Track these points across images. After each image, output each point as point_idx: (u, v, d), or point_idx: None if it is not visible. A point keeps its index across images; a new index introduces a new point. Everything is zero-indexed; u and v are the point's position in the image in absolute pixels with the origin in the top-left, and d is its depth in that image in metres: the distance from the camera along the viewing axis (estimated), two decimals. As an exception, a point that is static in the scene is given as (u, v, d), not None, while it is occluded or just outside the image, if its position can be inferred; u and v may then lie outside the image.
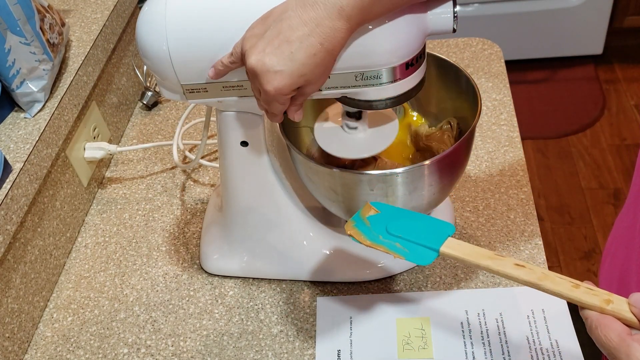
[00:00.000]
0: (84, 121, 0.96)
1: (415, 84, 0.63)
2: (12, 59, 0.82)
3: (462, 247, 0.56)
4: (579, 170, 2.06)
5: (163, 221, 0.93)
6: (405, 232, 0.59)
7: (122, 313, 0.82)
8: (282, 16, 0.53)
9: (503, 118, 1.00)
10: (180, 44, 0.61)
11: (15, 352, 0.77)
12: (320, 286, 0.81)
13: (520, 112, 1.06)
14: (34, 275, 0.82)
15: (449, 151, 0.66)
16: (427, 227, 0.59)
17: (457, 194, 0.90)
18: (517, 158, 0.93)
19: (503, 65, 1.11)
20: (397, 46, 0.58)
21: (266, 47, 0.54)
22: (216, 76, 0.61)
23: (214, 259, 0.83)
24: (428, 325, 0.75)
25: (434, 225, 0.59)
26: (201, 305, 0.81)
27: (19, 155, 0.79)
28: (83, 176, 0.95)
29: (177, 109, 1.13)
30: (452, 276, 0.80)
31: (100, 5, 1.05)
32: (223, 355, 0.76)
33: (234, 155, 0.73)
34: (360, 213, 0.63)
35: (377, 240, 0.59)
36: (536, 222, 0.84)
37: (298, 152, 0.69)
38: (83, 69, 0.93)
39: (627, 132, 2.16)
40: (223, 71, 0.60)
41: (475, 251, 0.55)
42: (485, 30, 2.31)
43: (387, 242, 0.59)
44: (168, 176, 1.01)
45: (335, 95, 0.64)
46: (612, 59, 2.45)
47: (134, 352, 0.77)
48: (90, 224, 0.95)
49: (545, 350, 0.71)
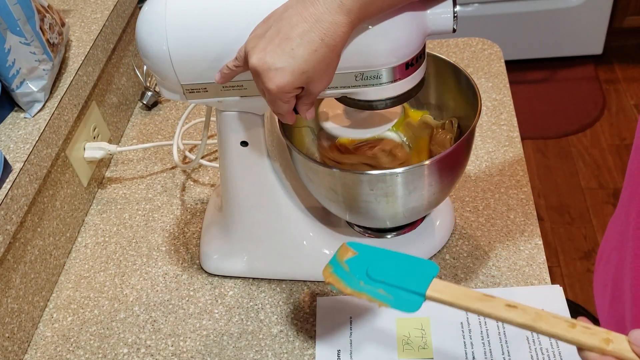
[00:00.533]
0: (84, 121, 0.96)
1: (415, 84, 0.63)
2: (12, 59, 0.82)
3: (449, 290, 0.53)
4: (578, 170, 2.06)
5: (163, 221, 0.93)
6: (388, 275, 0.56)
7: (122, 313, 0.82)
8: (283, 15, 0.54)
9: (503, 118, 1.00)
10: (180, 44, 0.61)
11: (15, 352, 0.77)
12: (320, 286, 0.81)
13: (520, 112, 1.07)
14: (34, 275, 0.82)
15: (449, 151, 0.66)
16: (409, 268, 0.56)
17: (457, 194, 0.90)
18: (517, 158, 0.93)
19: (503, 65, 1.11)
20: (397, 46, 0.58)
21: (267, 46, 0.54)
22: (223, 80, 0.61)
23: (214, 259, 0.83)
24: (428, 325, 0.75)
25: (416, 266, 0.56)
26: (201, 305, 0.81)
27: (19, 155, 0.79)
28: (83, 176, 0.95)
29: (177, 109, 1.13)
30: (452, 276, 0.80)
31: (100, 5, 1.05)
32: (223, 355, 0.76)
33: (234, 155, 0.73)
34: (338, 256, 0.60)
35: (358, 287, 0.56)
36: (536, 222, 0.85)
37: (298, 152, 0.69)
38: (83, 69, 0.93)
39: (627, 132, 2.16)
40: (229, 75, 0.60)
41: (464, 293, 0.53)
42: (485, 30, 2.31)
43: (369, 288, 0.55)
44: (168, 176, 1.01)
45: (335, 95, 0.64)
46: (612, 59, 2.45)
47: (133, 352, 0.77)
48: (90, 224, 0.95)
49: (545, 350, 0.71)
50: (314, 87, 0.56)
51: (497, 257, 0.81)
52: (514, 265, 0.80)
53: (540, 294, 0.76)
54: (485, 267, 0.80)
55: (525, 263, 0.80)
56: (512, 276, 0.79)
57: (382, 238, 0.81)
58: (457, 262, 0.81)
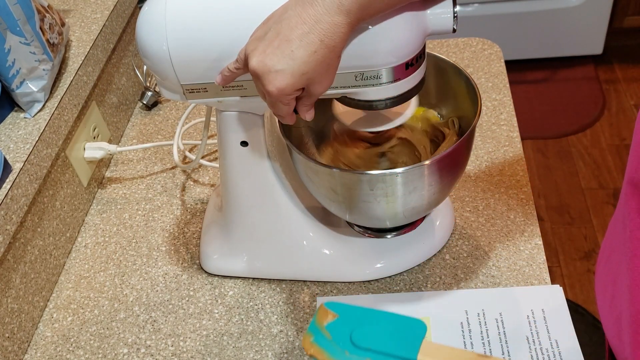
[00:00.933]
0: (84, 121, 0.96)
1: (415, 84, 0.63)
2: (12, 59, 0.82)
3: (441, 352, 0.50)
4: (578, 170, 2.06)
5: (163, 221, 0.93)
6: (374, 341, 0.52)
7: (122, 313, 0.82)
8: (282, 17, 0.53)
9: (503, 118, 1.00)
10: (180, 44, 0.61)
11: (15, 352, 0.77)
12: (320, 286, 0.81)
13: (520, 112, 1.07)
14: (33, 275, 0.82)
15: (449, 151, 0.66)
16: (396, 329, 0.53)
17: (457, 194, 0.90)
18: (517, 158, 0.93)
19: (503, 65, 1.11)
20: (397, 46, 0.58)
21: (267, 48, 0.54)
22: (224, 82, 0.60)
23: (213, 259, 0.83)
24: (428, 325, 0.75)
25: (403, 326, 0.53)
26: (201, 305, 0.81)
27: (19, 155, 0.79)
28: (83, 176, 0.95)
29: (177, 109, 1.13)
30: (452, 276, 0.80)
31: (100, 5, 1.05)
32: (223, 355, 0.76)
33: (234, 155, 0.73)
34: (317, 321, 0.55)
35: (343, 358, 0.52)
36: (536, 222, 0.85)
37: (298, 152, 0.69)
38: (83, 69, 0.93)
39: (627, 132, 2.16)
40: (230, 77, 0.60)
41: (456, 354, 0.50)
42: (485, 30, 2.31)
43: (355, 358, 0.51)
44: (168, 176, 1.01)
45: (335, 95, 0.64)
46: (612, 59, 2.45)
47: (133, 352, 0.77)
48: (90, 224, 0.95)
49: (545, 350, 0.71)
50: (315, 89, 0.56)
51: (497, 257, 0.81)
52: (514, 265, 0.80)
53: (540, 294, 0.76)
54: (485, 267, 0.80)
55: (525, 263, 0.80)
56: (512, 276, 0.79)
57: (382, 238, 0.81)
58: (457, 262, 0.81)
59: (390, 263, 0.80)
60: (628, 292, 0.61)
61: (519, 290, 0.77)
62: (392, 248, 0.81)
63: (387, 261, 0.80)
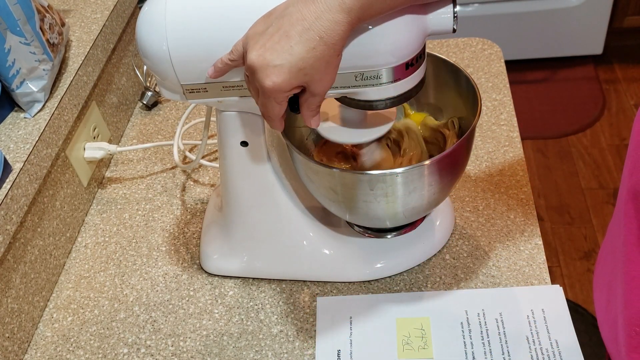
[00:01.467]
0: (84, 121, 0.96)
1: (415, 84, 0.63)
2: (12, 59, 0.82)
3: None
4: (578, 170, 2.06)
5: (163, 221, 0.93)
6: None
7: (122, 313, 0.82)
8: (284, 12, 0.54)
9: (503, 118, 1.00)
10: (180, 44, 0.61)
11: (15, 352, 0.77)
12: (320, 286, 0.81)
13: (520, 112, 1.07)
14: (34, 275, 0.82)
15: (449, 151, 0.66)
16: None
17: (457, 194, 0.90)
18: (517, 158, 0.93)
19: (503, 65, 1.11)
20: (397, 46, 0.58)
21: (266, 43, 0.54)
22: (216, 75, 0.60)
23: (214, 259, 0.83)
24: (428, 325, 0.75)
25: None
26: (201, 305, 0.81)
27: (19, 155, 0.79)
28: (83, 176, 0.95)
29: (177, 109, 1.13)
30: (452, 276, 0.80)
31: (100, 5, 1.05)
32: (223, 355, 0.76)
33: (234, 155, 0.73)
34: None
35: None
36: (536, 222, 0.85)
37: (298, 152, 0.69)
38: (83, 69, 0.93)
39: (627, 132, 2.16)
40: (223, 69, 0.60)
41: None
42: (485, 30, 2.31)
43: None
44: (168, 176, 1.01)
45: (335, 95, 0.64)
46: (612, 59, 2.45)
47: (133, 352, 0.77)
48: (90, 224, 0.95)
49: (545, 350, 0.71)
50: (315, 87, 0.56)
51: (497, 257, 0.81)
52: (514, 265, 0.80)
53: (540, 294, 0.76)
54: (485, 267, 0.80)
55: (525, 263, 0.80)
56: (512, 276, 0.79)
57: (382, 238, 0.81)
58: (457, 262, 0.81)
59: (390, 263, 0.80)
60: (622, 295, 0.61)
61: (519, 290, 0.77)
62: (392, 248, 0.81)
63: (387, 261, 0.80)
